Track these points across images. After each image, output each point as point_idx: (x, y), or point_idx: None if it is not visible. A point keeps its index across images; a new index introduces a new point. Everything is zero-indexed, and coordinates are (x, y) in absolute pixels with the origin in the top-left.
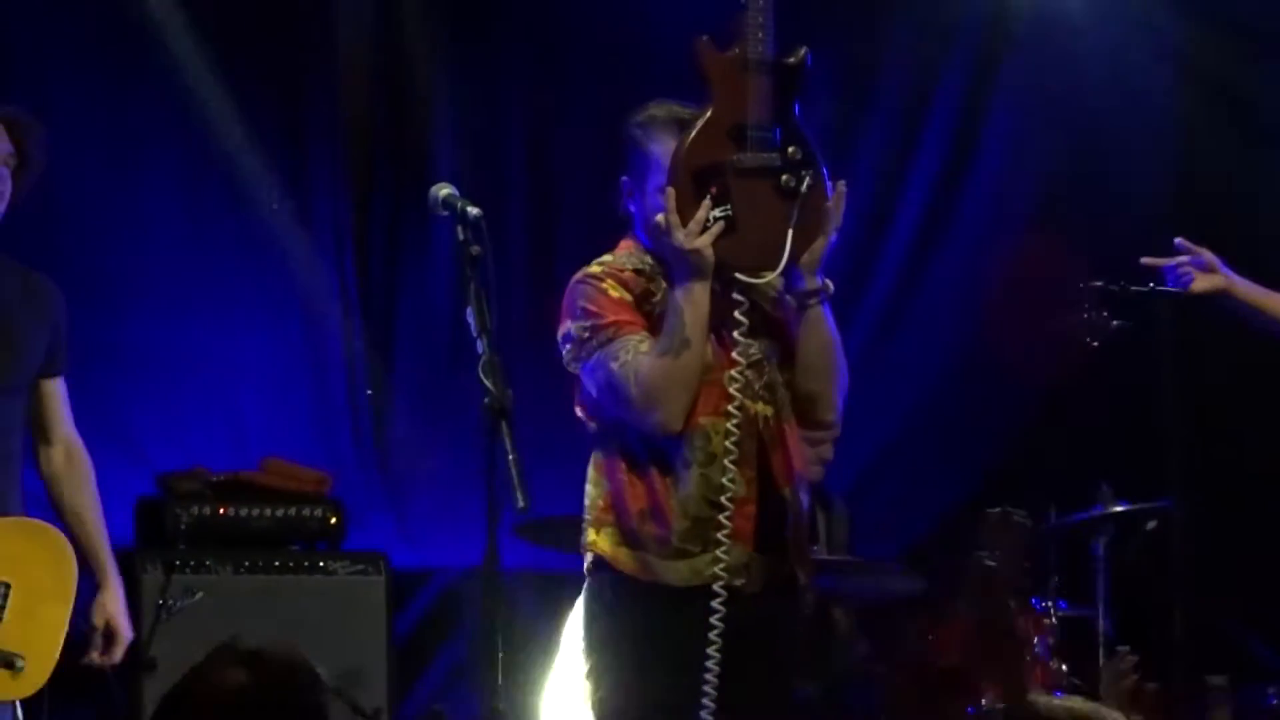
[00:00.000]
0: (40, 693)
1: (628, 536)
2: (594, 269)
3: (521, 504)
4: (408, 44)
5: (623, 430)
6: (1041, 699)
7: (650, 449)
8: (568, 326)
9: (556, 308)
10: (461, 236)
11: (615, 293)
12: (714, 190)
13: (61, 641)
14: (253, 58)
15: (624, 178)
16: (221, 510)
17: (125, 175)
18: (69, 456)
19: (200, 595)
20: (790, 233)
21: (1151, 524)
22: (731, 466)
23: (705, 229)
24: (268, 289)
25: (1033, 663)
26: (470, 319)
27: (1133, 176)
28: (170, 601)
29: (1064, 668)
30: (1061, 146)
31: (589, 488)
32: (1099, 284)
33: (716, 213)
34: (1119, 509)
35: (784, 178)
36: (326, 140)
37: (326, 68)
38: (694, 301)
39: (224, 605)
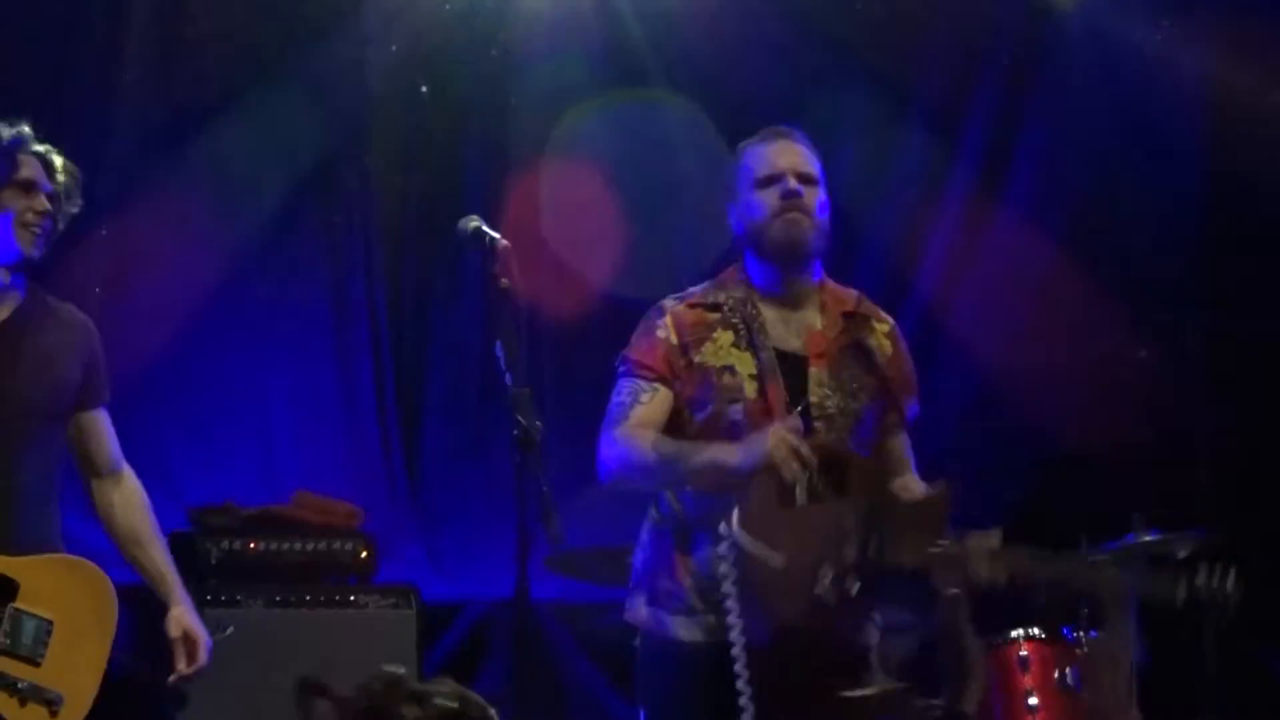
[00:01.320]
0: None
1: (650, 594)
2: (668, 300)
3: (554, 536)
4: (436, 88)
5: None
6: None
7: (670, 506)
8: (622, 349)
9: (585, 343)
10: (491, 269)
11: (663, 333)
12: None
13: (99, 681)
14: (284, 92)
15: (729, 204)
16: (253, 545)
17: (162, 207)
18: (121, 484)
19: (231, 629)
20: None
21: (1183, 554)
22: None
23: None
24: (299, 322)
25: (1064, 694)
26: (499, 352)
27: (1162, 205)
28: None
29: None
30: (1092, 170)
31: (636, 549)
32: (1128, 312)
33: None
34: (1150, 538)
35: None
36: (358, 176)
37: (357, 103)
38: (716, 475)
39: (255, 639)
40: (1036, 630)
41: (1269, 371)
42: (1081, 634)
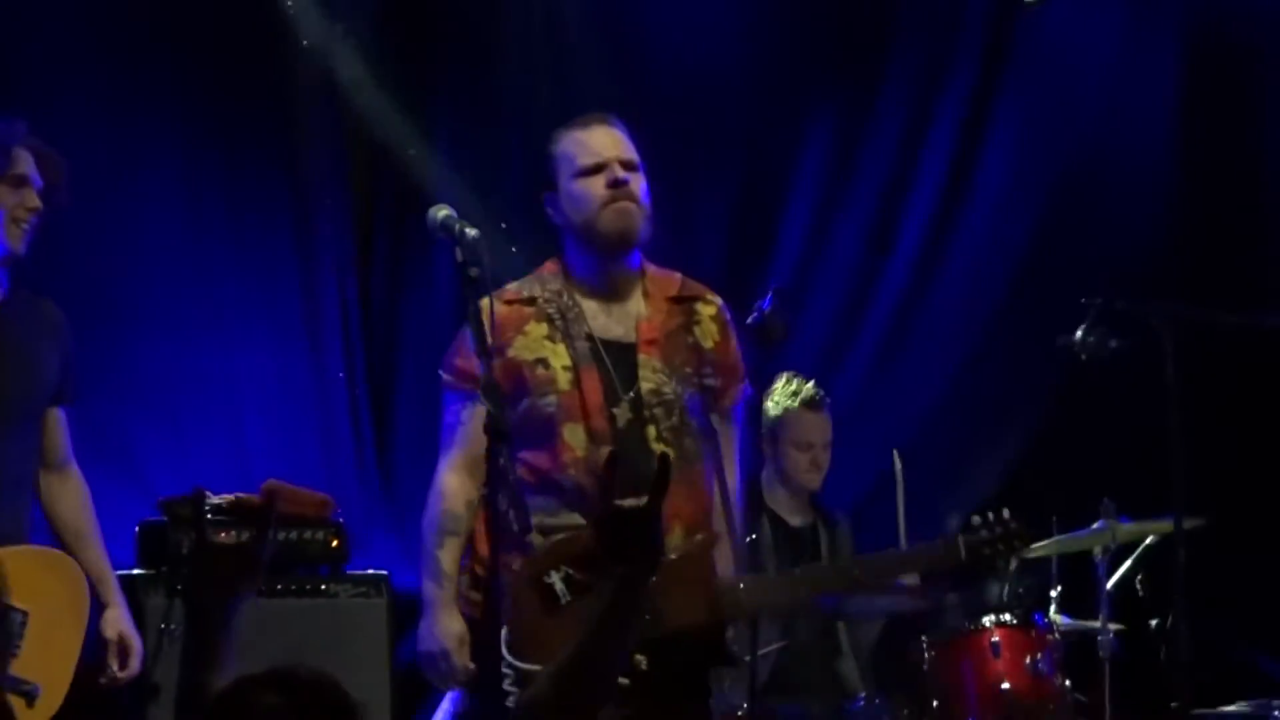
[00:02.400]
0: None
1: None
2: (483, 301)
3: (526, 524)
4: (408, 71)
5: None
6: None
7: None
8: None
9: None
10: (460, 258)
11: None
12: None
13: (73, 670)
14: (255, 83)
15: (546, 196)
16: (222, 535)
17: (127, 199)
18: (67, 481)
19: None
20: None
21: (1151, 539)
22: None
23: None
24: (269, 312)
25: (1036, 680)
26: (470, 341)
27: (1134, 193)
28: (173, 626)
29: (1067, 684)
30: (1063, 163)
31: None
32: (1098, 302)
33: None
34: (1121, 524)
35: None
36: (328, 163)
37: (328, 94)
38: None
39: None
40: (1008, 617)
41: (1241, 361)
42: (1052, 620)
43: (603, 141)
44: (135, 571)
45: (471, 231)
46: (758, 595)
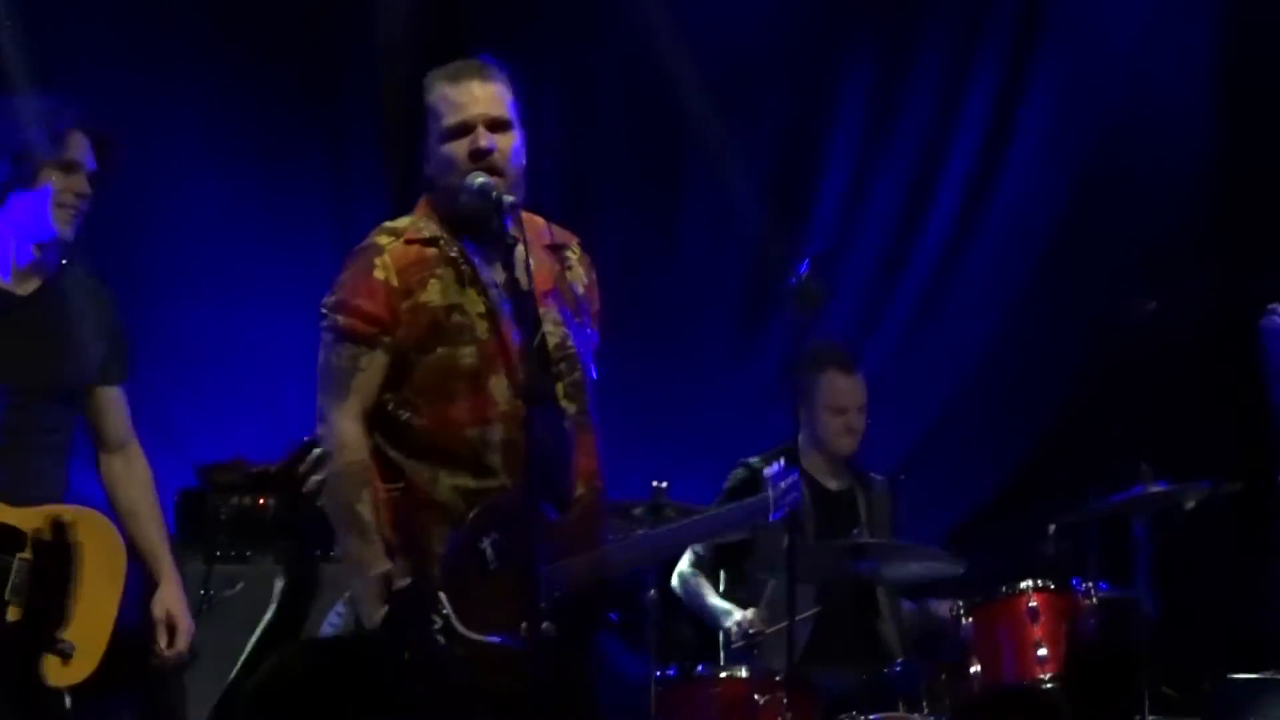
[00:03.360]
0: (90, 683)
1: None
2: (381, 238)
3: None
4: (446, 44)
5: None
6: None
7: None
8: (331, 291)
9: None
10: (496, 224)
11: (381, 274)
12: None
13: (110, 631)
14: (293, 56)
15: (424, 140)
16: (261, 501)
17: (162, 166)
18: (127, 460)
19: (241, 586)
20: None
21: (1190, 504)
22: None
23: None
24: (307, 280)
25: (1074, 641)
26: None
27: (1169, 160)
28: (211, 592)
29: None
30: (1098, 130)
31: None
32: (1135, 267)
33: None
34: (1159, 489)
35: None
36: (366, 134)
37: (366, 66)
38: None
39: (264, 595)
40: (1046, 581)
41: None
42: (1090, 585)
43: (472, 98)
44: (173, 538)
45: (509, 198)
46: (618, 553)
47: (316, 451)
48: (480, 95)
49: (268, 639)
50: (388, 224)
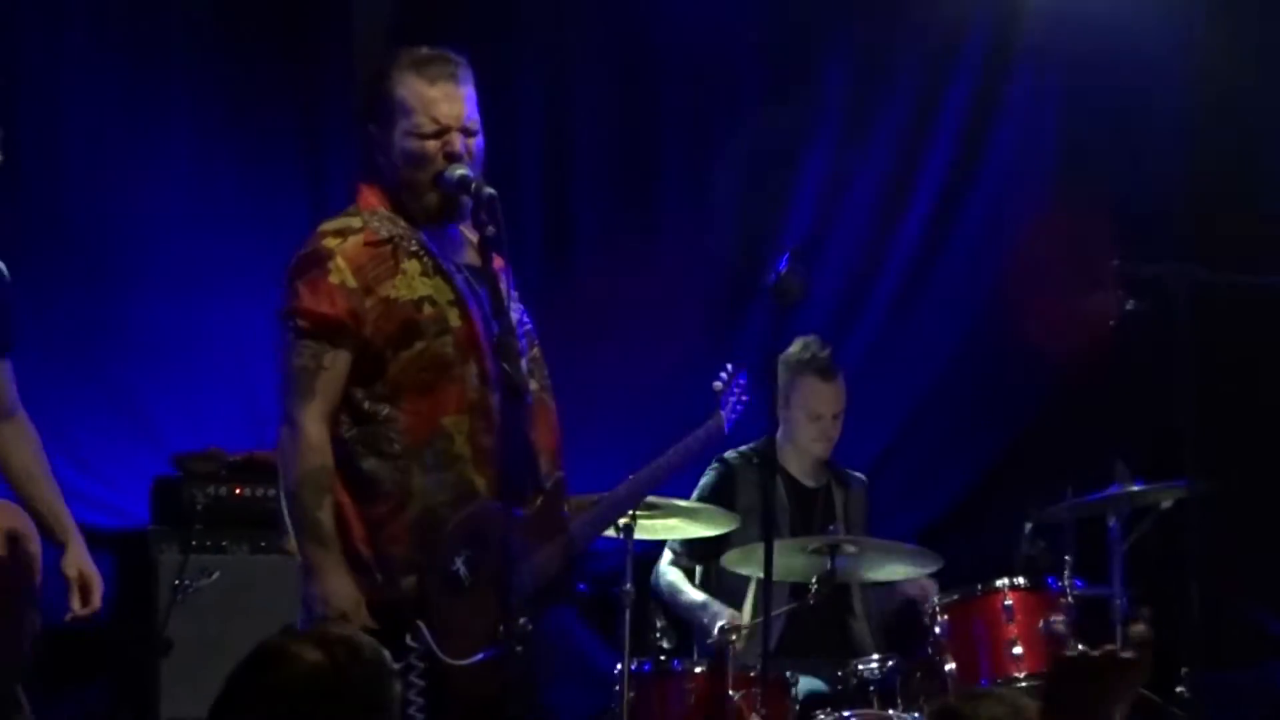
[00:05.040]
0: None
1: None
2: (328, 242)
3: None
4: (424, 24)
5: None
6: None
7: None
8: (285, 302)
9: (569, 291)
10: (476, 217)
11: (336, 278)
12: None
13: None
14: (270, 36)
15: (370, 127)
16: (238, 490)
17: (138, 158)
18: (15, 428)
19: (216, 575)
20: None
21: (1167, 504)
22: None
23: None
24: (280, 266)
25: (1049, 643)
26: (484, 299)
27: (1145, 158)
28: (186, 582)
29: (1079, 647)
30: (1074, 128)
31: None
32: (1116, 263)
33: None
34: (1135, 488)
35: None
36: (342, 119)
37: (343, 50)
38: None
39: (240, 585)
40: (1021, 580)
41: (1255, 323)
42: (1066, 583)
43: (447, 103)
44: (149, 527)
45: (488, 190)
46: (582, 529)
47: None
48: (457, 98)
49: None
50: (329, 226)
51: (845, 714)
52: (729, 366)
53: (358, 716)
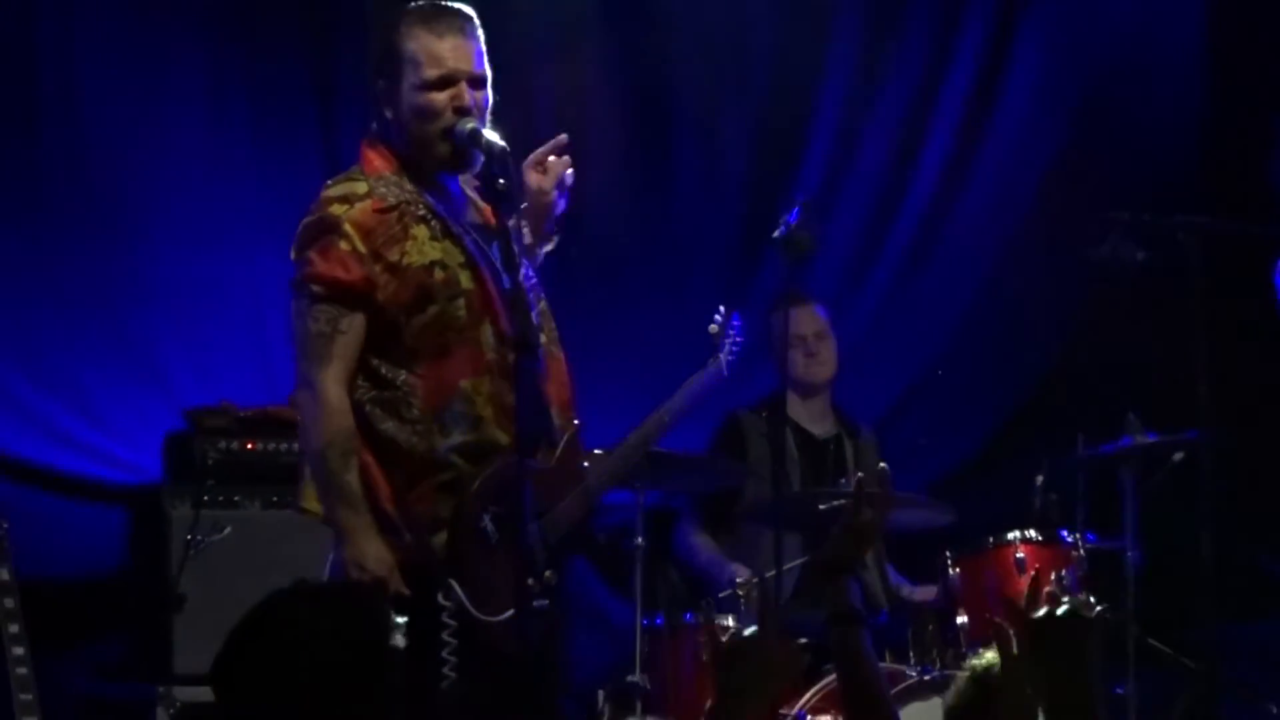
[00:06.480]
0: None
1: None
2: (336, 209)
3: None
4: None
5: None
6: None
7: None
8: (298, 269)
9: (581, 244)
10: (488, 171)
11: (346, 244)
12: None
13: None
14: (284, 8)
15: (379, 82)
16: (250, 445)
17: (152, 108)
18: None
19: (228, 530)
20: None
21: (1179, 456)
22: None
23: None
24: (296, 223)
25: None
26: (496, 254)
27: (1159, 109)
28: (198, 537)
29: (1091, 599)
30: (1088, 79)
31: None
32: (1125, 216)
33: None
34: (1147, 440)
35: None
36: (355, 75)
37: (356, 9)
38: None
39: (252, 540)
40: (1033, 533)
41: (1268, 274)
42: (1078, 536)
43: (455, 54)
44: (161, 482)
45: (499, 144)
46: (598, 479)
47: None
48: (465, 51)
49: None
50: (333, 191)
51: None
52: (721, 309)
53: (358, 670)
